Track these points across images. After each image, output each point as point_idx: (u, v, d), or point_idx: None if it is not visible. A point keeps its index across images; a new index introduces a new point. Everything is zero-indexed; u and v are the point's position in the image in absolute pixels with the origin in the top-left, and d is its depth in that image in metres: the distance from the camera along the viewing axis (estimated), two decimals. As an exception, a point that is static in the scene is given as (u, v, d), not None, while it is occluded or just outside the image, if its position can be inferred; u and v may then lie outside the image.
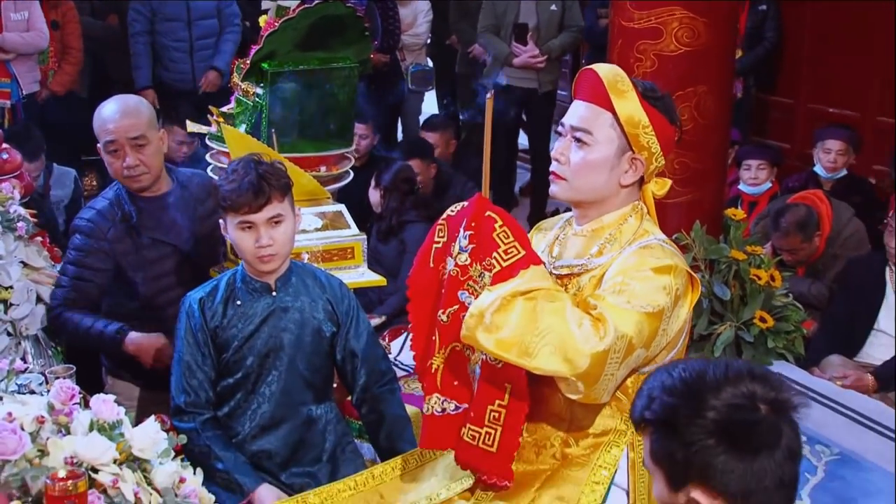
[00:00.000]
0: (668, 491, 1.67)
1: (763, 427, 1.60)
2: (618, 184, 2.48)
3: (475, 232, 2.40)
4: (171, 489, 2.24)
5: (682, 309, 2.39)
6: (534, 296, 2.27)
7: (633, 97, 2.43)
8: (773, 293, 4.60)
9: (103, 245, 3.40)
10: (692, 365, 1.69)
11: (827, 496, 3.55)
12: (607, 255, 2.46)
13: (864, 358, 4.64)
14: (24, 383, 2.58)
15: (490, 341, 2.26)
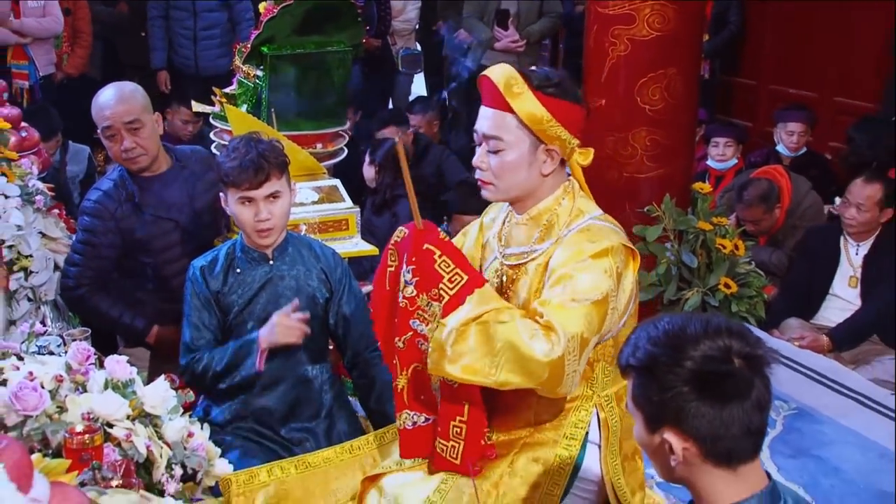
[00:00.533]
0: (645, 432, 1.69)
1: (735, 379, 1.61)
2: (540, 174, 2.42)
3: (416, 266, 2.40)
4: (180, 443, 2.25)
5: (625, 281, 2.37)
6: (485, 319, 2.27)
7: (528, 96, 2.35)
8: (737, 261, 4.61)
9: (110, 224, 3.38)
10: (676, 319, 1.70)
11: (785, 447, 3.58)
12: (548, 241, 2.43)
13: (820, 321, 4.67)
14: (44, 345, 2.58)
15: (457, 370, 2.28)
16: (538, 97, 2.35)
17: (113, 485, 1.84)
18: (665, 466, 1.69)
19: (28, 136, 3.80)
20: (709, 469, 1.63)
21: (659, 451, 1.67)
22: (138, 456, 2.09)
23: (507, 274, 2.53)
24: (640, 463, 2.60)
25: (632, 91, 4.41)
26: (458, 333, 2.27)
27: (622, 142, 4.48)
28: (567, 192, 2.47)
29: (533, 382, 2.27)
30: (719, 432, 1.60)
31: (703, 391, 1.60)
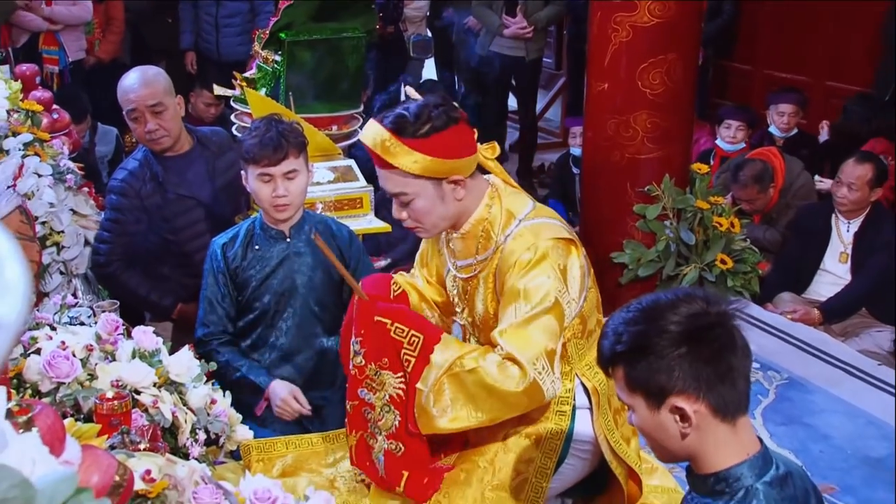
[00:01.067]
0: (649, 413, 1.65)
1: (720, 329, 1.62)
2: (455, 201, 2.35)
3: (364, 338, 2.39)
4: (203, 409, 2.26)
5: (572, 272, 2.34)
6: (454, 371, 2.27)
7: (404, 150, 2.25)
8: (733, 238, 4.60)
9: (135, 202, 3.38)
10: (644, 299, 1.70)
11: (777, 415, 3.58)
12: (489, 249, 2.39)
13: (812, 295, 4.66)
14: (75, 316, 2.58)
15: (445, 423, 2.29)
16: (414, 146, 2.25)
17: (140, 448, 1.85)
18: (671, 442, 1.66)
19: (59, 118, 3.79)
20: (716, 427, 1.62)
21: (666, 425, 1.64)
22: (164, 421, 2.10)
23: (462, 286, 2.52)
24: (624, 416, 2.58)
25: (633, 76, 4.38)
26: (434, 393, 2.28)
27: (624, 124, 4.46)
28: (493, 197, 2.41)
29: (519, 411, 2.31)
30: (724, 383, 1.60)
31: (696, 347, 1.60)
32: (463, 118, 2.33)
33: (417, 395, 2.31)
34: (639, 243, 4.58)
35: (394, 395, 2.38)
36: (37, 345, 2.19)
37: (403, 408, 2.38)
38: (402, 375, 2.37)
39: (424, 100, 2.32)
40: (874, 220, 4.57)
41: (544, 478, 2.46)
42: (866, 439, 3.44)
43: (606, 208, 4.66)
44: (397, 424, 2.39)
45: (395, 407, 2.39)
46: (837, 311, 4.49)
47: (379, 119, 2.31)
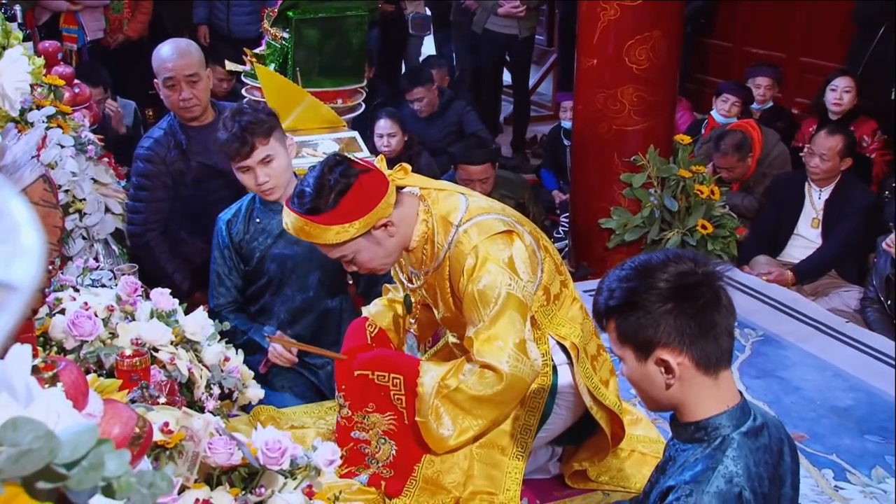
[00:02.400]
0: (637, 364, 1.66)
1: (706, 286, 1.62)
2: (390, 238, 2.33)
3: (347, 392, 2.42)
4: (217, 366, 2.26)
5: (518, 257, 2.31)
6: (440, 394, 2.31)
7: (322, 229, 2.23)
8: (713, 205, 4.60)
9: (161, 168, 3.38)
10: (637, 258, 1.71)
11: (752, 369, 3.59)
12: (436, 259, 2.38)
13: (786, 257, 4.66)
14: (97, 279, 2.58)
15: (454, 441, 2.35)
16: (329, 221, 2.23)
17: (159, 402, 1.85)
18: (656, 392, 1.68)
19: (80, 91, 3.77)
20: (699, 379, 1.63)
21: (652, 375, 1.66)
22: (181, 377, 2.10)
23: (421, 295, 2.53)
24: (605, 355, 2.60)
25: (620, 52, 4.35)
26: (435, 419, 2.33)
27: (611, 98, 4.44)
28: (426, 212, 2.37)
29: (512, 403, 2.36)
30: (707, 338, 1.61)
31: (683, 304, 1.60)
32: (360, 169, 2.27)
33: (422, 427, 2.36)
34: (625, 210, 4.58)
35: (386, 429, 2.43)
36: (61, 305, 2.19)
37: (399, 438, 2.43)
38: (391, 414, 2.41)
39: (320, 167, 2.26)
40: (844, 188, 4.57)
41: (529, 434, 2.47)
42: (834, 391, 3.46)
43: (595, 177, 4.64)
44: (394, 453, 2.45)
45: (390, 438, 2.44)
46: (809, 272, 4.49)
47: (290, 207, 2.28)
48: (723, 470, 1.59)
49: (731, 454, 1.61)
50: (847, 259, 4.53)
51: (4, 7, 3.92)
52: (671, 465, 1.70)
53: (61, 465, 0.71)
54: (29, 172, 2.16)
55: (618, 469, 2.72)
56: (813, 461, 3.00)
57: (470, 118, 5.83)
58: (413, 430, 2.41)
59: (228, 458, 1.57)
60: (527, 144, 7.25)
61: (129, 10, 6.28)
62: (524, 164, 6.76)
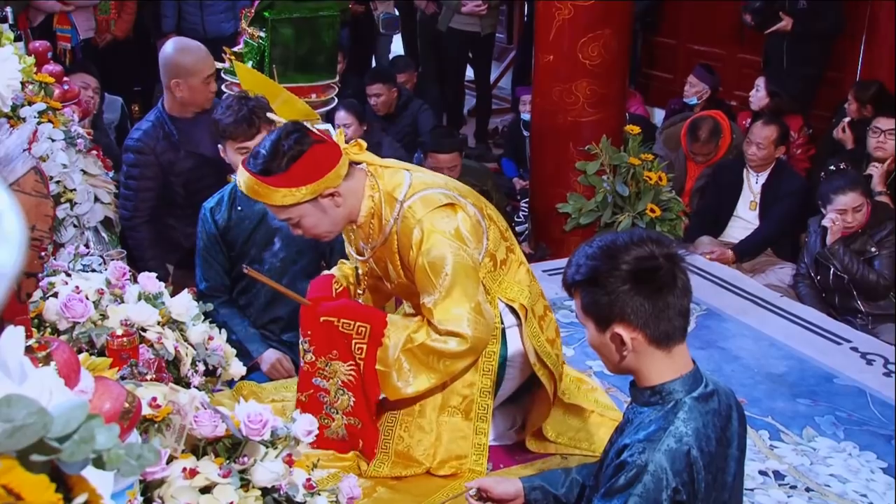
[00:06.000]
0: (597, 334, 1.69)
1: (663, 271, 1.64)
2: (337, 209, 2.29)
3: (312, 337, 2.39)
4: (202, 344, 2.24)
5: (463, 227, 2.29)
6: (406, 347, 2.30)
7: (271, 190, 2.20)
8: (661, 190, 4.63)
9: (150, 158, 3.35)
10: (605, 237, 1.72)
11: (697, 341, 3.63)
12: (383, 232, 2.35)
13: (727, 238, 4.71)
14: (87, 264, 2.55)
15: (412, 390, 2.32)
16: (278, 183, 2.20)
17: (147, 379, 1.84)
18: (613, 359, 1.71)
19: (70, 88, 3.70)
20: (651, 352, 1.66)
21: (609, 346, 1.69)
22: (168, 355, 2.09)
23: (370, 267, 2.51)
24: (551, 315, 2.60)
25: (574, 49, 4.36)
26: (396, 370, 2.30)
27: (567, 91, 4.45)
28: (372, 187, 2.34)
29: (470, 360, 2.35)
30: (660, 317, 1.63)
31: (640, 286, 1.63)
32: (316, 138, 2.25)
33: (381, 376, 2.34)
34: (580, 195, 4.60)
35: (345, 380, 2.40)
36: (54, 289, 2.16)
37: (356, 390, 2.41)
38: (352, 363, 2.38)
39: (277, 132, 2.24)
40: (778, 173, 4.63)
41: (487, 396, 2.48)
42: (769, 359, 3.51)
43: (552, 165, 4.66)
44: (352, 403, 2.42)
45: (348, 389, 2.41)
46: (747, 251, 4.55)
47: (245, 166, 2.25)
48: (674, 430, 1.62)
49: (682, 416, 1.64)
50: (781, 239, 4.59)
51: (-3, 9, 3.85)
52: (629, 426, 1.73)
53: (54, 439, 0.71)
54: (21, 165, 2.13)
55: (576, 429, 2.73)
56: (751, 423, 3.03)
57: (424, 117, 5.71)
58: (368, 380, 2.37)
59: (213, 430, 1.56)
60: (489, 135, 7.26)
61: (115, 11, 6.19)
62: (487, 154, 6.76)
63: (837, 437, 2.98)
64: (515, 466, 2.66)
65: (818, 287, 4.11)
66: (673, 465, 1.59)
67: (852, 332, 3.73)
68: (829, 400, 3.20)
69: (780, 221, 4.55)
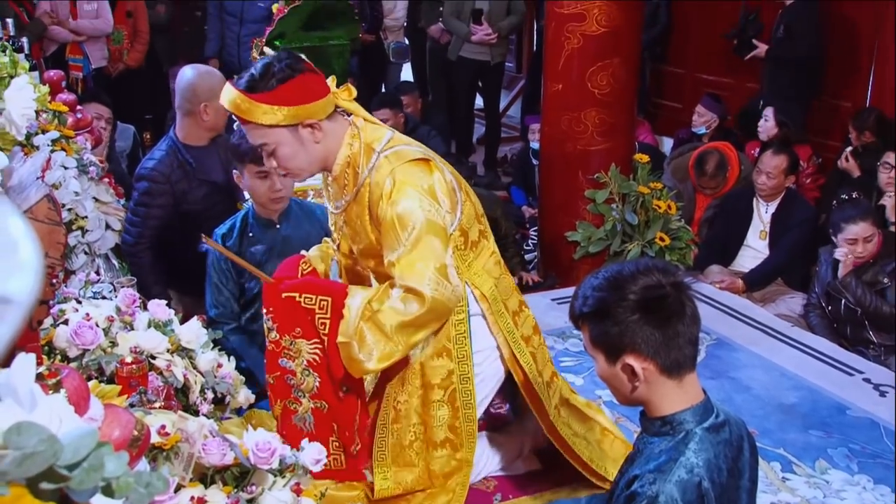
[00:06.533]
0: (607, 365, 1.68)
1: (671, 300, 1.63)
2: (315, 144, 2.27)
3: (275, 314, 2.33)
4: (211, 372, 2.25)
5: (438, 187, 2.25)
6: (367, 316, 2.23)
7: (254, 106, 2.17)
8: (670, 219, 4.62)
9: (165, 187, 3.37)
10: (611, 268, 1.71)
11: (706, 371, 3.61)
12: (356, 184, 2.31)
13: (736, 267, 4.69)
14: (98, 291, 2.56)
15: (374, 364, 2.24)
16: (263, 100, 2.18)
17: (156, 406, 1.84)
18: (624, 391, 1.69)
19: (83, 117, 3.74)
20: (663, 381, 1.65)
21: (620, 377, 1.68)
22: (177, 383, 2.09)
23: (339, 220, 2.45)
24: (527, 311, 2.55)
25: (583, 77, 4.38)
26: (357, 339, 2.23)
27: (576, 120, 4.47)
28: (353, 136, 2.31)
29: (433, 326, 2.27)
30: (670, 346, 1.62)
31: (649, 315, 1.62)
32: (308, 68, 2.25)
33: (343, 348, 2.25)
34: (589, 224, 4.60)
35: (310, 359, 2.34)
36: (65, 316, 2.17)
37: (322, 370, 2.35)
38: (316, 341, 2.32)
39: (269, 57, 2.24)
40: (788, 202, 4.62)
41: (468, 381, 2.41)
42: (781, 390, 3.48)
43: (561, 193, 4.66)
44: (318, 385, 2.36)
45: (313, 370, 2.35)
46: (758, 280, 4.53)
47: (232, 82, 2.25)
48: (685, 461, 1.60)
49: (693, 447, 1.62)
50: (792, 268, 4.58)
51: (13, 39, 3.89)
52: (639, 456, 1.71)
53: (63, 466, 0.71)
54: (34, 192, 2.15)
55: (598, 443, 2.69)
56: (762, 455, 3.00)
57: (433, 144, 5.72)
58: (332, 355, 2.31)
59: (221, 459, 1.56)
60: (498, 163, 7.28)
61: (128, 41, 6.28)
62: (496, 182, 6.78)
63: (851, 469, 2.95)
64: (525, 497, 2.64)
65: (829, 317, 4.09)
66: (684, 497, 1.58)
67: (865, 364, 3.71)
68: (842, 432, 3.17)
69: (790, 251, 4.53)
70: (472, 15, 6.60)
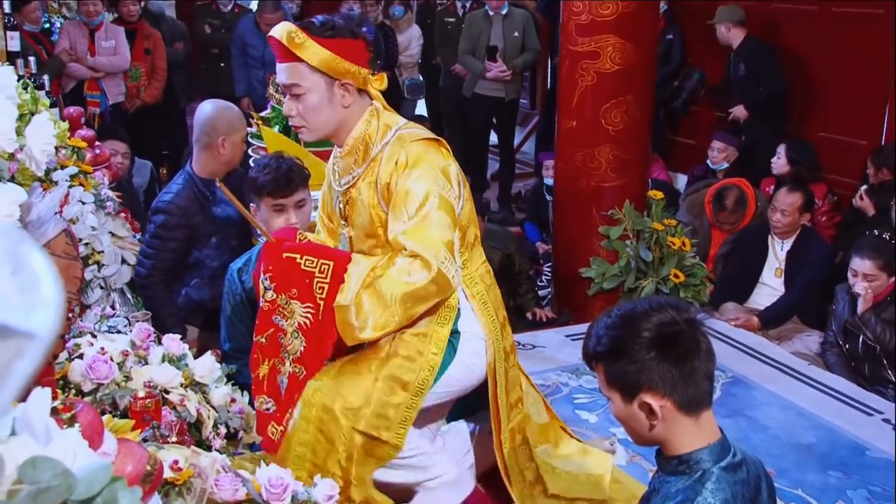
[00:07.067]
0: (623, 405, 1.67)
1: (686, 335, 1.62)
2: (342, 108, 2.31)
3: (274, 273, 2.32)
4: (224, 407, 2.25)
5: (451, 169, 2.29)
6: (368, 282, 2.20)
7: (310, 43, 2.23)
8: (684, 255, 4.62)
9: (182, 220, 3.39)
10: (623, 306, 1.71)
11: (723, 409, 3.58)
12: (367, 160, 2.33)
13: (752, 304, 4.67)
14: (113, 325, 2.58)
15: (369, 333, 2.22)
16: (318, 41, 2.24)
17: (169, 441, 1.84)
18: (642, 430, 1.68)
19: (101, 153, 3.79)
20: (680, 419, 1.63)
21: (637, 416, 1.66)
22: (190, 417, 2.09)
23: (343, 200, 2.43)
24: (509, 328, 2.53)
25: (597, 114, 4.41)
26: (355, 304, 2.20)
27: (589, 156, 4.49)
28: (373, 114, 2.37)
29: (432, 300, 2.23)
30: (687, 382, 1.61)
31: (665, 352, 1.61)
32: (364, 39, 2.32)
33: (339, 312, 2.23)
34: (603, 260, 4.60)
35: (301, 322, 2.30)
36: (80, 351, 2.18)
37: (309, 335, 2.30)
38: (310, 305, 2.28)
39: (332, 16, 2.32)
40: (803, 240, 4.61)
41: (431, 371, 2.36)
42: (798, 429, 3.45)
43: (575, 230, 4.67)
44: (302, 349, 2.31)
45: (301, 333, 2.31)
46: (773, 318, 4.50)
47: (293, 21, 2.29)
48: (701, 501, 1.59)
49: (710, 487, 1.61)
50: (808, 306, 4.55)
51: (34, 77, 3.97)
52: (655, 496, 1.70)
53: (78, 501, 0.71)
54: (52, 227, 2.18)
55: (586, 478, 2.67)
56: (780, 495, 2.97)
57: None
58: (326, 320, 2.27)
59: (234, 494, 1.56)
60: (512, 199, 7.30)
61: (146, 78, 6.38)
62: (510, 218, 6.80)
63: (870, 511, 2.91)
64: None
65: (847, 356, 4.05)
66: (701, 537, 1.56)
67: (884, 403, 3.67)
68: (861, 473, 3.13)
69: (806, 289, 4.51)
70: (486, 52, 6.67)
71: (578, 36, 4.35)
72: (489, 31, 6.70)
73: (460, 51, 6.84)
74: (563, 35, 4.49)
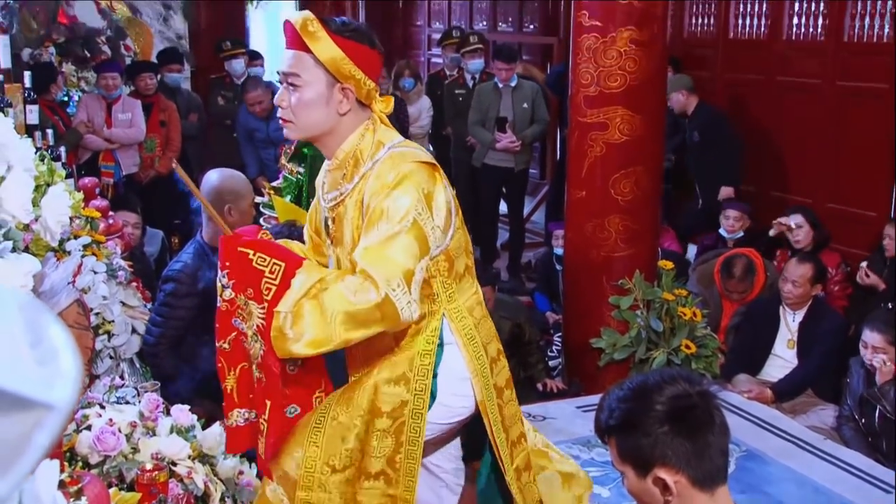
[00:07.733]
0: (637, 480, 1.65)
1: (699, 409, 1.61)
2: (337, 114, 2.18)
3: (231, 270, 2.17)
4: (232, 479, 2.24)
5: (438, 198, 2.16)
6: (312, 293, 2.06)
7: (324, 37, 2.12)
8: (696, 326, 4.60)
9: (192, 288, 3.42)
10: (635, 379, 1.70)
11: (737, 484, 3.53)
12: (356, 176, 2.22)
13: (765, 376, 4.63)
14: (122, 396, 2.58)
15: (301, 348, 2.06)
16: (334, 39, 2.13)
17: (176, 514, 1.83)
18: None
19: (114, 223, 3.85)
20: (695, 495, 1.61)
21: (651, 491, 1.64)
22: (197, 490, 2.08)
23: (330, 217, 2.32)
24: (503, 361, 2.42)
25: (607, 185, 4.45)
26: (293, 315, 2.06)
27: (599, 227, 4.51)
28: (368, 129, 2.24)
29: (373, 328, 2.07)
30: (701, 457, 1.60)
31: (678, 426, 1.60)
32: (380, 52, 2.23)
33: (275, 317, 2.08)
34: (614, 331, 4.58)
35: (259, 324, 2.15)
36: (88, 422, 2.19)
37: (266, 336, 2.14)
38: (265, 306, 2.14)
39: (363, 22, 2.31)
40: (816, 311, 4.59)
41: (420, 417, 2.25)
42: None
43: (585, 300, 4.67)
44: (262, 353, 2.17)
45: (260, 336, 2.16)
46: (787, 391, 4.46)
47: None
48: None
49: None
50: (822, 379, 4.51)
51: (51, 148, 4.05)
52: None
53: (87, 578, 0.71)
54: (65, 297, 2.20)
55: None
56: (798, 574, 2.92)
57: None
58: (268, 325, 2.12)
59: (240, 570, 1.54)
60: (522, 269, 7.32)
61: (160, 149, 6.49)
62: (520, 287, 6.81)
63: (891, 591, 2.84)
64: None
65: (864, 430, 4.00)
66: None
67: (902, 479, 3.61)
68: (880, 551, 3.07)
69: (820, 361, 4.47)
70: (496, 123, 6.77)
71: (587, 107, 4.42)
72: (499, 103, 6.81)
73: (470, 122, 6.95)
74: (572, 106, 4.56)
